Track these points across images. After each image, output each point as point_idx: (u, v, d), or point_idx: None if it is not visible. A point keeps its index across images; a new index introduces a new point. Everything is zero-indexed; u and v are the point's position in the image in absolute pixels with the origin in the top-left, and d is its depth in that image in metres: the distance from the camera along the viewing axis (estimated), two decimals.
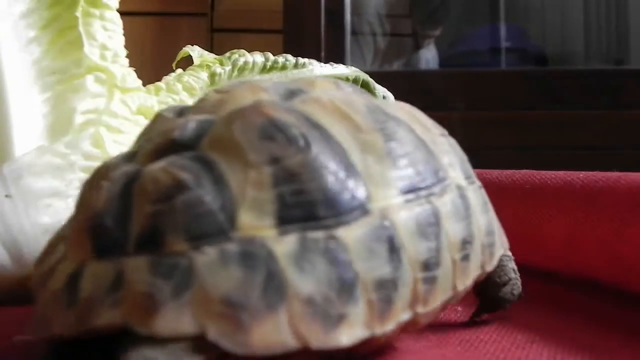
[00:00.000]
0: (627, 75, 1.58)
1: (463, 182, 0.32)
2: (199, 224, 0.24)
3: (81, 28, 0.51)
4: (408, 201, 0.28)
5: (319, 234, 0.25)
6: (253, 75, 0.65)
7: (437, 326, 0.41)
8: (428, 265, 0.28)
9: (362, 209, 0.26)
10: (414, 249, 0.27)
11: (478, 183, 0.35)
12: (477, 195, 0.33)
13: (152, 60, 1.43)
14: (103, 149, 0.47)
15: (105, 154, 0.47)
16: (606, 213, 0.42)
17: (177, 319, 0.23)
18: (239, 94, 0.30)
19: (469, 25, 1.99)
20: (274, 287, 0.23)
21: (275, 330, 0.23)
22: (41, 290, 0.27)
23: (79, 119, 0.48)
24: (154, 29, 1.90)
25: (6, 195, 0.43)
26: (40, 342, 0.27)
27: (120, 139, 0.49)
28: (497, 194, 0.39)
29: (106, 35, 0.52)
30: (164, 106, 0.54)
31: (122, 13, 0.54)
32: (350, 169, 0.27)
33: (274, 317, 0.23)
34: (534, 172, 0.53)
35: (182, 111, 0.31)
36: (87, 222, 0.26)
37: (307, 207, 0.25)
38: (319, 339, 0.24)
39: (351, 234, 0.26)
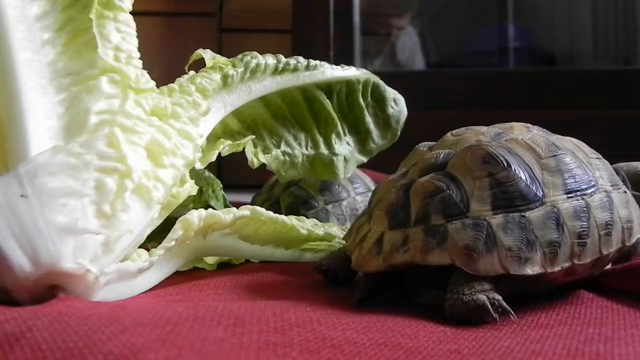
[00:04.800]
0: (635, 75, 1.57)
1: (609, 188, 0.49)
2: (450, 209, 0.45)
3: (95, 30, 0.51)
4: (569, 198, 0.46)
5: (515, 214, 0.45)
6: (265, 76, 0.66)
7: (454, 323, 0.42)
8: (581, 235, 0.46)
9: (540, 201, 0.45)
10: (572, 225, 0.45)
11: (623, 189, 0.50)
12: (620, 196, 0.49)
13: (161, 60, 1.44)
14: (117, 149, 0.47)
15: (120, 153, 0.47)
16: None
17: (440, 256, 0.44)
18: (467, 136, 0.51)
19: (477, 25, 1.99)
20: (490, 240, 0.43)
21: (490, 263, 0.43)
22: (357, 248, 0.50)
23: (93, 119, 0.49)
24: (163, 29, 1.90)
25: (22, 195, 0.43)
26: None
27: (134, 139, 0.50)
28: None
29: (120, 36, 0.53)
30: (177, 107, 0.55)
31: (131, 13, 0.55)
32: (533, 179, 0.46)
33: (490, 256, 0.43)
34: None
35: (431, 147, 0.53)
36: (385, 210, 0.48)
37: (508, 200, 0.45)
38: (514, 269, 0.43)
39: (533, 214, 0.45)
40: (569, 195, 0.46)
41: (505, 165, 0.46)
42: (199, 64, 0.63)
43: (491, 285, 0.43)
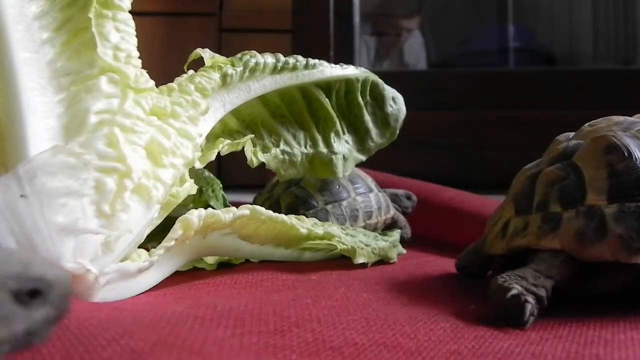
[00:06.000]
0: (635, 75, 1.57)
1: None
2: (566, 197, 0.47)
3: (94, 29, 0.51)
4: None
5: (631, 204, 0.45)
6: (264, 75, 0.66)
7: (453, 321, 0.42)
8: None
9: None
10: None
11: None
12: None
13: (161, 60, 1.44)
14: (117, 149, 0.47)
15: (119, 153, 0.47)
16: None
17: (552, 241, 0.46)
18: (601, 127, 0.51)
19: (477, 25, 1.99)
20: (601, 229, 0.45)
21: (600, 250, 0.44)
22: (490, 232, 0.55)
23: (92, 119, 0.49)
24: (163, 29, 1.90)
25: (21, 195, 0.43)
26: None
27: (133, 139, 0.50)
28: None
29: (119, 36, 0.53)
30: (176, 106, 0.55)
31: (131, 13, 0.55)
32: None
33: (600, 244, 0.44)
34: None
35: (570, 137, 0.53)
36: (513, 197, 0.53)
37: (626, 190, 0.45)
38: (624, 257, 0.44)
39: None
40: None
41: (626, 155, 0.46)
42: (198, 63, 0.63)
43: (545, 286, 0.44)
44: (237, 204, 0.59)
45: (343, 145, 0.74)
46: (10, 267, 0.27)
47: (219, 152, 0.62)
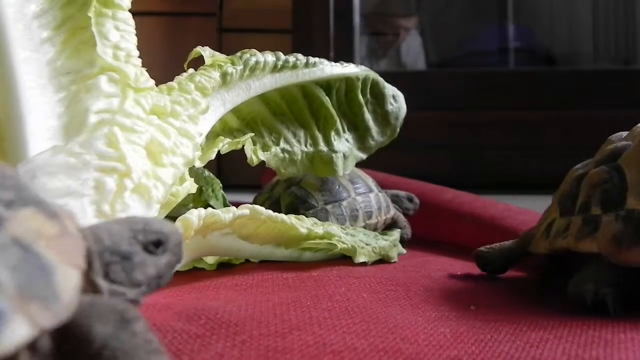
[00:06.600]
0: (635, 75, 1.57)
1: None
2: (608, 200, 0.47)
3: (94, 28, 0.51)
4: None
5: None
6: (264, 74, 0.65)
7: (453, 324, 0.42)
8: None
9: None
10: None
11: None
12: None
13: (161, 60, 1.43)
14: (117, 149, 0.47)
15: (119, 153, 0.47)
16: None
17: (590, 244, 0.47)
18: None
19: (477, 25, 1.99)
20: (638, 233, 0.44)
21: (636, 255, 0.44)
22: (536, 230, 0.56)
23: (92, 118, 0.48)
24: (163, 29, 1.90)
25: None
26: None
27: (133, 139, 0.49)
28: None
29: (119, 35, 0.52)
30: (176, 105, 0.55)
31: (131, 13, 0.54)
32: None
33: (636, 248, 0.44)
34: None
35: (623, 137, 0.52)
36: (558, 198, 0.54)
37: None
38: None
39: None
40: None
41: None
42: (199, 62, 0.63)
43: (616, 279, 0.45)
44: (237, 204, 0.59)
45: (343, 144, 0.74)
46: (136, 225, 0.33)
47: (219, 152, 0.62)
